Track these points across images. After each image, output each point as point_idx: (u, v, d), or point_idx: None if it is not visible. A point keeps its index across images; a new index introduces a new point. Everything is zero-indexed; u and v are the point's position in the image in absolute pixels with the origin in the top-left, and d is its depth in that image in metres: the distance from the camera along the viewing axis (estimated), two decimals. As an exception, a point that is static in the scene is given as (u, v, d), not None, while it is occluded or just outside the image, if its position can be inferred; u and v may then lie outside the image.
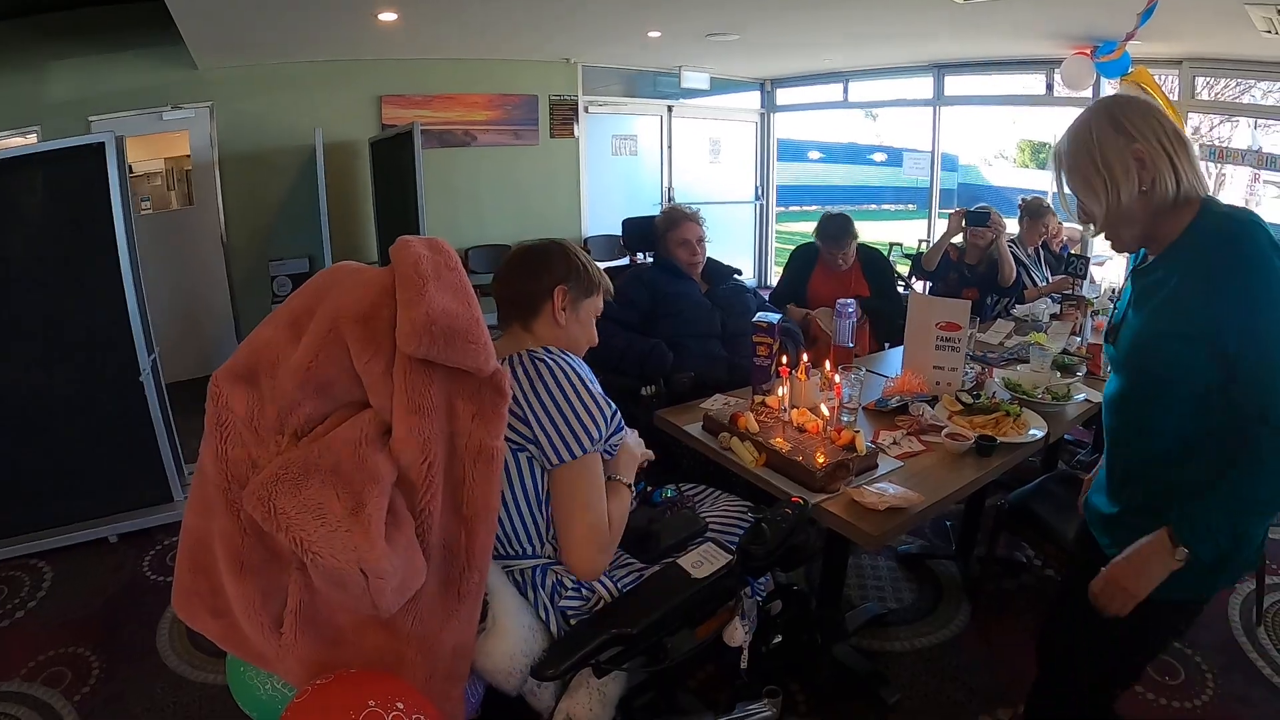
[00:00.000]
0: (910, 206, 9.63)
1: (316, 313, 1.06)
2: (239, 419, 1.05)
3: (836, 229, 3.32)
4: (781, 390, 2.21)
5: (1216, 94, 5.41)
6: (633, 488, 1.54)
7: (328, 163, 4.84)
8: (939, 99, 6.48)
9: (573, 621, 1.40)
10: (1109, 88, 4.18)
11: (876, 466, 1.98)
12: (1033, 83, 5.84)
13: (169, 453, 2.98)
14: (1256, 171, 5.00)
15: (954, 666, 2.34)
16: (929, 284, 3.84)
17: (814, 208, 15.07)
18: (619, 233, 6.72)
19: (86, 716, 2.01)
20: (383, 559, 0.94)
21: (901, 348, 3.19)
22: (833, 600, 2.22)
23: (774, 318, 2.50)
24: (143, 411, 2.88)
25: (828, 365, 2.65)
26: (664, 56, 6.39)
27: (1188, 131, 4.26)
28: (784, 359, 2.34)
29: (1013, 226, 3.94)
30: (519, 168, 6.29)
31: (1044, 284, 3.71)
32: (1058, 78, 4.74)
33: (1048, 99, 5.60)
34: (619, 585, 1.47)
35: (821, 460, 1.92)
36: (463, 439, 1.10)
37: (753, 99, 7.80)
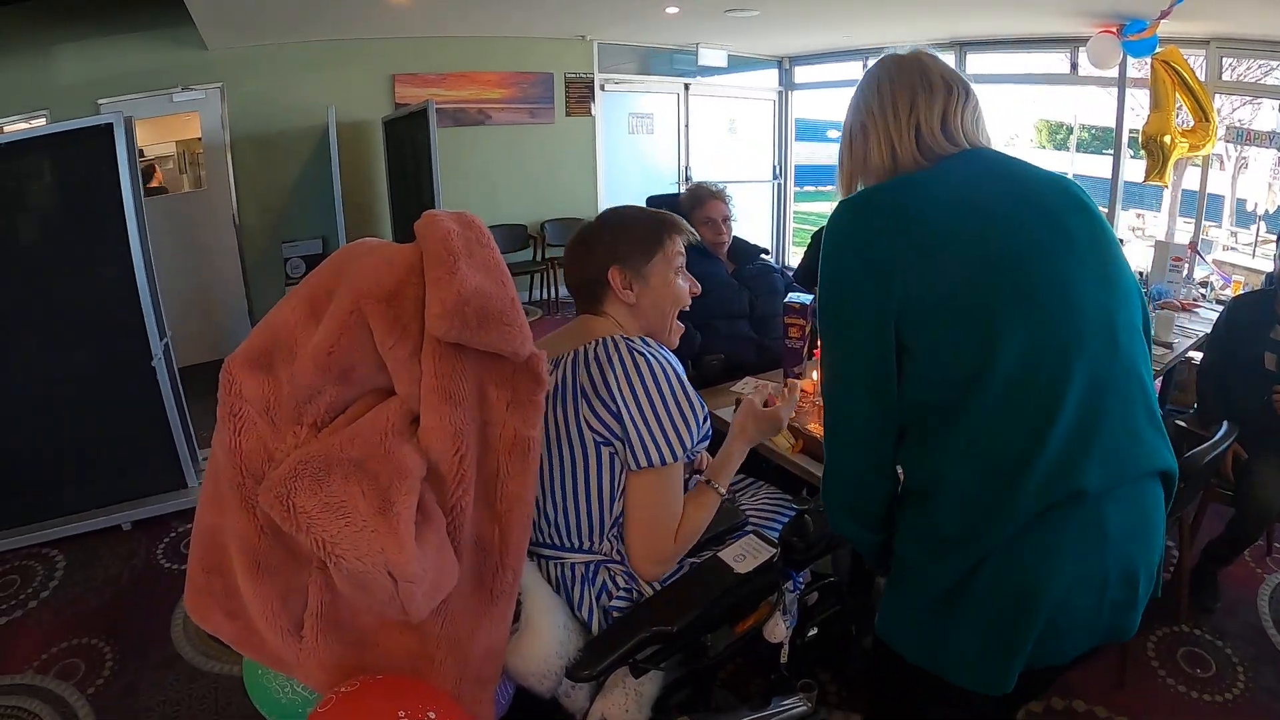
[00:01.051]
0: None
1: (336, 293, 0.98)
2: (254, 408, 0.97)
3: None
4: (816, 374, 2.12)
5: (1239, 75, 5.24)
6: (722, 492, 1.42)
7: (340, 143, 4.77)
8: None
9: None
10: (1134, 68, 4.01)
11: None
12: (1056, 61, 5.66)
13: (182, 438, 2.93)
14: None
15: None
16: None
17: (831, 188, 14.83)
18: None
19: (100, 710, 1.96)
20: (412, 562, 0.86)
21: None
22: (864, 589, 2.15)
23: (806, 298, 2.41)
24: (155, 397, 2.82)
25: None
26: (681, 33, 6.26)
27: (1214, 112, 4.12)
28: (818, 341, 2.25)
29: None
30: (534, 146, 6.21)
31: None
32: (1083, 56, 4.57)
33: (1072, 78, 5.41)
34: (660, 580, 1.40)
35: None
36: (496, 429, 1.01)
37: (771, 77, 7.66)
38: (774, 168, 7.94)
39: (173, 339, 2.99)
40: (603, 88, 6.41)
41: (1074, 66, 5.21)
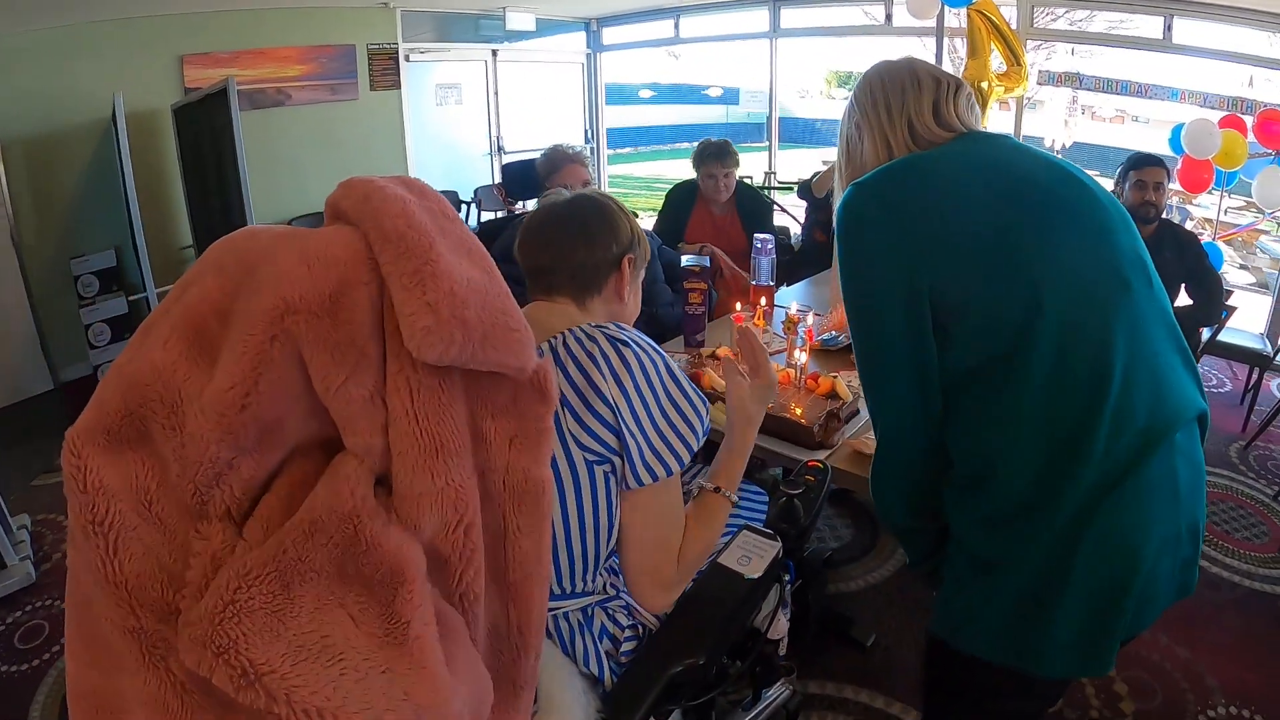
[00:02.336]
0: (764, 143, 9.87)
1: (234, 313, 0.66)
2: (127, 506, 0.63)
3: (717, 147, 3.12)
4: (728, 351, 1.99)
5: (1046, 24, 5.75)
6: (734, 500, 1.20)
7: (129, 136, 4.01)
8: (775, 31, 6.39)
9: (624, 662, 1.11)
10: (954, 18, 4.22)
11: (859, 411, 1.82)
12: (864, 14, 5.87)
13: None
14: (1074, 93, 5.43)
15: (914, 595, 2.34)
16: (808, 211, 3.74)
17: (647, 148, 14.98)
18: (452, 189, 6.34)
19: None
20: (451, 699, 0.58)
21: (802, 283, 3.14)
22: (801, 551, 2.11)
23: (705, 260, 2.28)
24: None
25: (763, 303, 2.47)
26: None
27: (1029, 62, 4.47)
28: (737, 305, 2.13)
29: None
30: (339, 126, 5.63)
31: None
32: (898, 7, 4.75)
33: (887, 29, 5.65)
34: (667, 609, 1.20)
35: (799, 413, 1.73)
36: (498, 475, 0.72)
37: (579, 40, 7.46)
38: (586, 132, 7.78)
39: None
40: (407, 58, 5.91)
41: (888, 17, 5.43)
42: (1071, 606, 0.92)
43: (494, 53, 6.68)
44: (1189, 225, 4.46)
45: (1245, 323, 3.71)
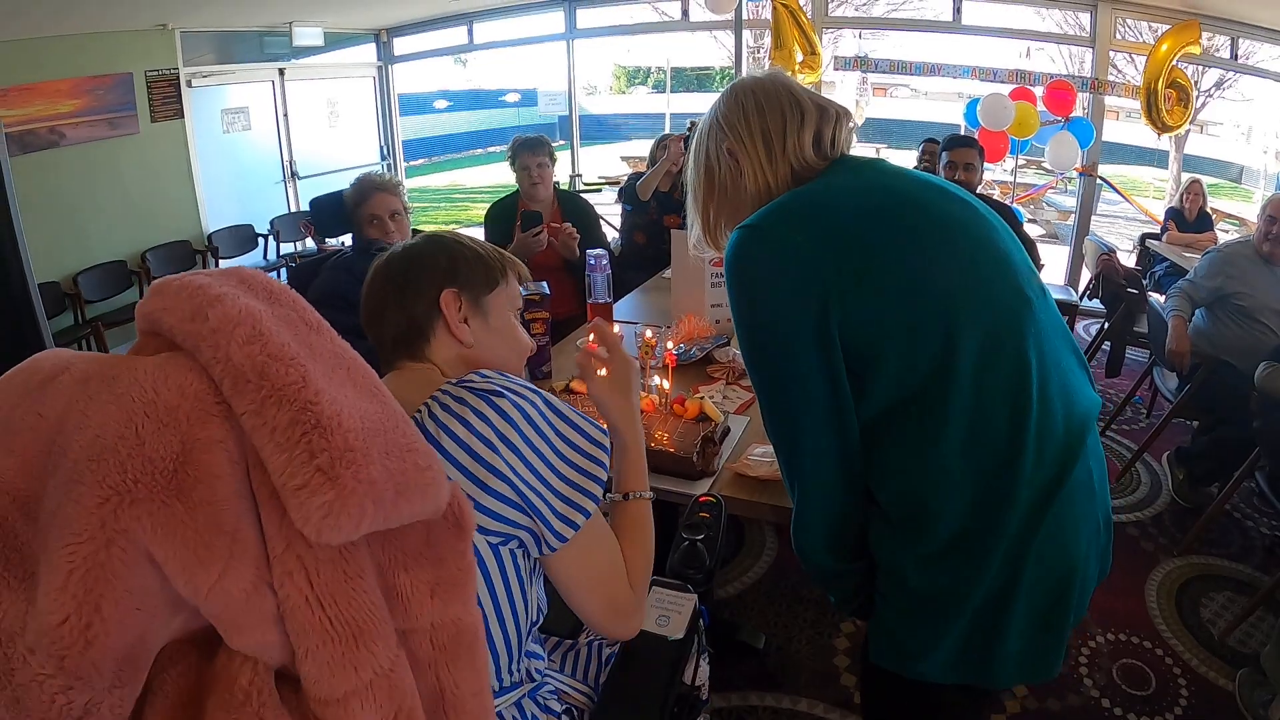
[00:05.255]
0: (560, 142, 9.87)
1: (45, 508, 0.51)
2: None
3: (533, 138, 3.01)
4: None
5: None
6: (649, 496, 1.11)
7: None
8: (572, 32, 6.39)
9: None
10: (750, 10, 4.43)
11: (729, 430, 1.83)
12: (656, 11, 6.01)
13: None
14: (864, 76, 5.90)
15: (792, 589, 2.38)
16: (627, 214, 3.75)
17: (442, 158, 14.53)
18: (246, 222, 5.82)
19: None
20: None
21: (632, 294, 3.10)
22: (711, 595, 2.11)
23: (543, 287, 2.16)
24: None
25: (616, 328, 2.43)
26: (272, 12, 5.54)
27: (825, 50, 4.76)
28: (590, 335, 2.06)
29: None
30: (120, 164, 5.06)
31: None
32: (696, 2, 4.90)
33: (685, 24, 5.81)
34: (586, 679, 1.13)
35: (667, 439, 1.71)
36: (424, 636, 0.61)
37: (369, 52, 7.11)
38: (381, 147, 7.53)
39: None
40: (189, 83, 5.40)
41: (685, 14, 5.58)
42: (1020, 619, 0.93)
43: (281, 71, 6.26)
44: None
45: (1049, 276, 4.14)
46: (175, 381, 0.56)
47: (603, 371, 1.12)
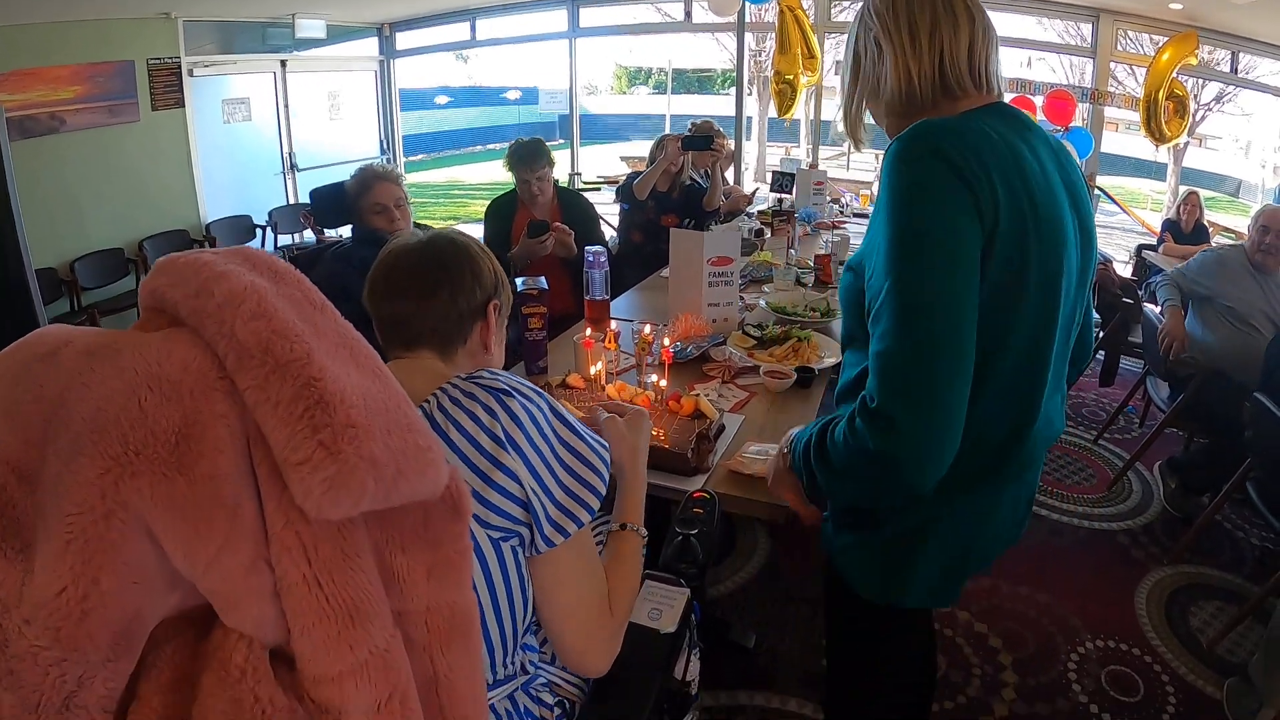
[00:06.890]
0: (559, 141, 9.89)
1: (45, 474, 0.51)
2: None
3: (529, 150, 3.01)
4: (595, 368, 1.94)
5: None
6: (643, 533, 1.14)
7: None
8: (575, 31, 6.41)
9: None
10: (755, 14, 4.44)
11: (724, 428, 1.84)
12: (659, 12, 6.04)
13: None
14: None
15: (785, 589, 2.39)
16: (625, 212, 3.75)
17: (442, 154, 14.54)
18: (244, 213, 5.82)
19: None
20: None
21: (629, 293, 3.10)
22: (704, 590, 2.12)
23: (541, 282, 2.16)
24: None
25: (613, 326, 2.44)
26: (275, 3, 5.58)
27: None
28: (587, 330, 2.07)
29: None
30: (120, 152, 5.05)
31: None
32: (699, 4, 4.91)
33: (688, 25, 5.82)
34: (579, 674, 1.13)
35: (663, 437, 1.72)
36: (419, 618, 0.62)
37: (371, 46, 7.11)
38: (381, 141, 7.56)
39: None
40: (191, 73, 5.41)
41: (688, 15, 5.59)
42: (937, 557, 1.04)
43: (283, 63, 6.28)
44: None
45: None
46: (179, 356, 0.56)
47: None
